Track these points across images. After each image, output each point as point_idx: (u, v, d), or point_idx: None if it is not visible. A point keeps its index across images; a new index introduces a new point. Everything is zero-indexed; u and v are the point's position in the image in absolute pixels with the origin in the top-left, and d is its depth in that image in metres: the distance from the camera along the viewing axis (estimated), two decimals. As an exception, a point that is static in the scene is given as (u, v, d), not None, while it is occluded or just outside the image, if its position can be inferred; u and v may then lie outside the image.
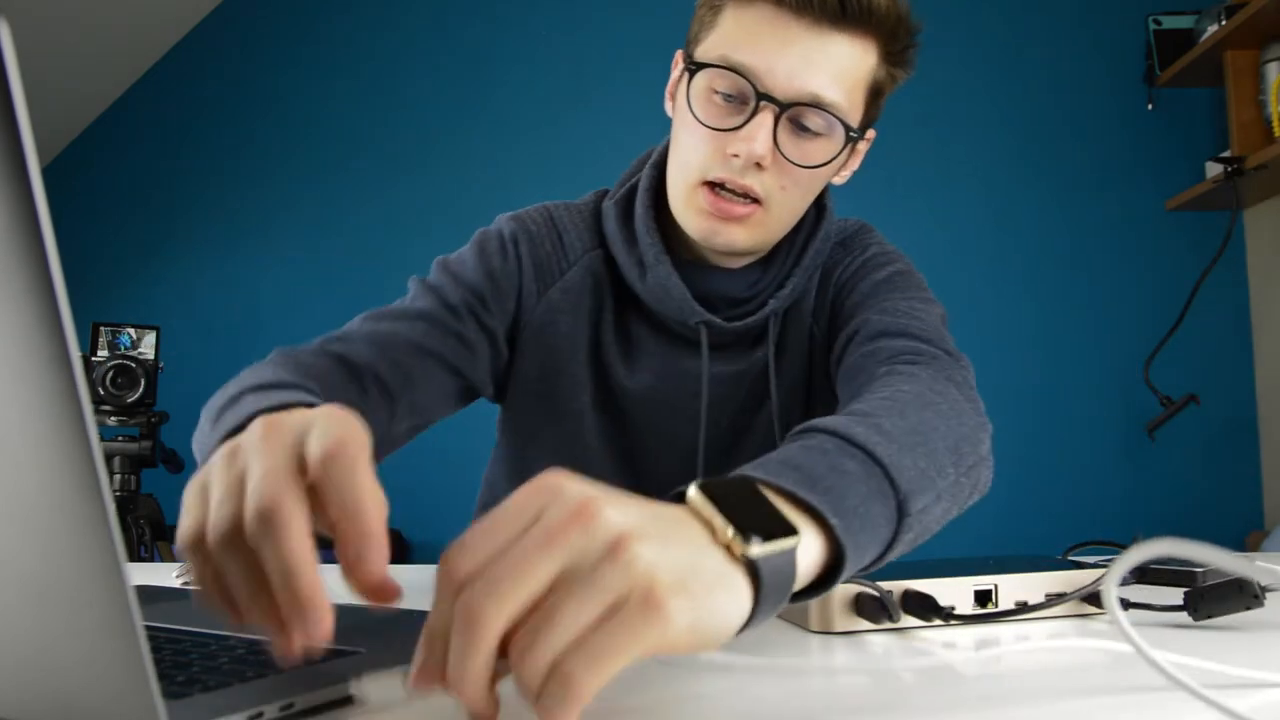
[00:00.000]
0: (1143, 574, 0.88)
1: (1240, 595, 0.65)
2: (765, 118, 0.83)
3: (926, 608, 0.65)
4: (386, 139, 2.97)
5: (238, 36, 3.05)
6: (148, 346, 2.01)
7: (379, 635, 0.58)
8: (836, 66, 0.83)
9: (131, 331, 2.01)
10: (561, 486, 0.40)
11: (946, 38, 2.73)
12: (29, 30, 2.58)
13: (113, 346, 1.99)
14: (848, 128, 0.85)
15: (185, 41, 3.06)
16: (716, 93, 0.85)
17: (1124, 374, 2.60)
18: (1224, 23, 2.39)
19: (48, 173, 2.96)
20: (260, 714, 0.43)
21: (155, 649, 0.53)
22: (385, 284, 2.94)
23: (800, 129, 0.85)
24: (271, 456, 0.42)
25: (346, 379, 0.82)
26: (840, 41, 0.82)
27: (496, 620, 0.37)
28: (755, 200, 0.86)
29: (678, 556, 0.39)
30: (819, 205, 0.99)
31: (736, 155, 0.84)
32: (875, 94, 0.88)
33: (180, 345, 2.78)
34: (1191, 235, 2.66)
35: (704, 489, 0.44)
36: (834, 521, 0.48)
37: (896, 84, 0.90)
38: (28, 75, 0.32)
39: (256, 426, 0.45)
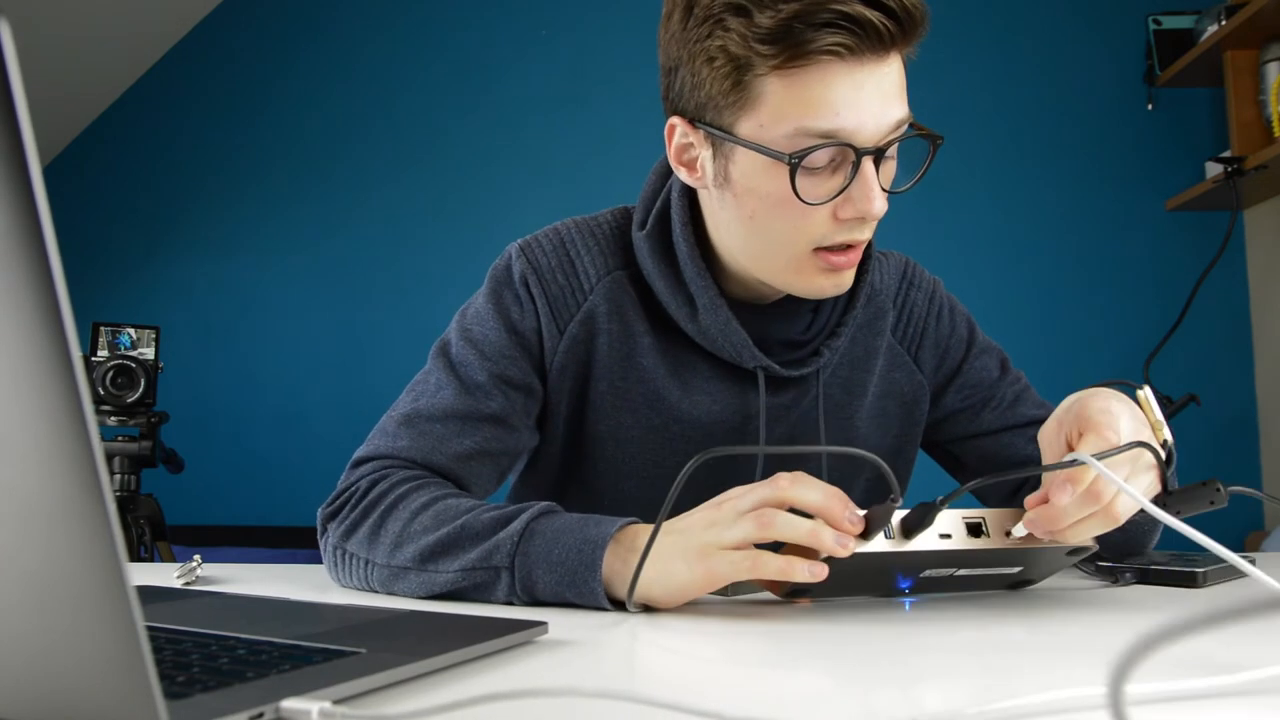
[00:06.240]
0: (1144, 575, 0.88)
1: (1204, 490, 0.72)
2: (868, 170, 0.81)
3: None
4: (386, 138, 2.97)
5: (237, 37, 3.05)
6: (148, 346, 2.01)
7: (379, 636, 0.58)
8: (897, 84, 0.81)
9: (131, 331, 2.01)
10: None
11: (947, 38, 2.72)
12: (29, 30, 2.58)
13: (113, 346, 1.99)
14: (932, 137, 0.84)
15: (185, 41, 3.06)
16: (804, 166, 0.80)
17: (1124, 374, 2.59)
18: (1224, 23, 2.39)
19: (48, 173, 2.95)
20: (260, 714, 0.43)
21: (155, 649, 0.53)
22: (384, 284, 2.95)
23: (885, 157, 0.83)
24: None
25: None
26: (893, 59, 0.81)
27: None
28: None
29: None
30: None
31: (860, 218, 0.83)
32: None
33: (180, 345, 2.79)
34: (1191, 235, 2.66)
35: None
36: None
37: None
38: (28, 75, 0.32)
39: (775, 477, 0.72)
